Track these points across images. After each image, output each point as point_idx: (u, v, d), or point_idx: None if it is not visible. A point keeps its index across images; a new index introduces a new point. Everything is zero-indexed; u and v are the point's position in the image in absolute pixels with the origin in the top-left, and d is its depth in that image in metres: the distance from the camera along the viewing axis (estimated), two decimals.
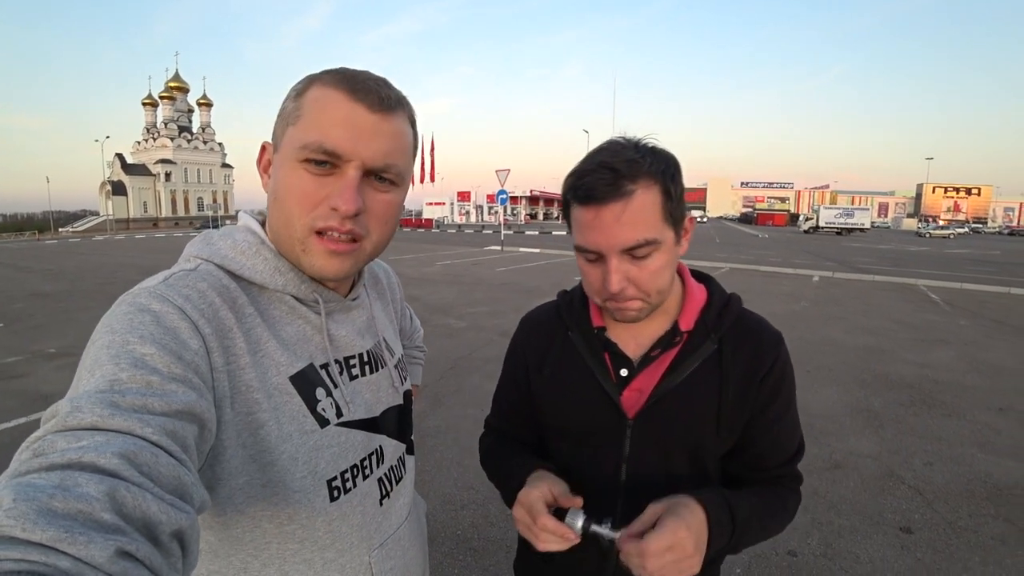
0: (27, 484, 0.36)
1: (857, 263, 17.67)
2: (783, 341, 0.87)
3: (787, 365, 0.86)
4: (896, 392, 4.87)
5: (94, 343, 0.52)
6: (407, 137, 0.67)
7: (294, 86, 0.66)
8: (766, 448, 0.86)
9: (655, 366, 0.84)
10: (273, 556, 0.66)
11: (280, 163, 0.64)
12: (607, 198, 0.71)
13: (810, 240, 33.40)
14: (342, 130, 0.61)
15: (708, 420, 0.82)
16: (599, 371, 0.86)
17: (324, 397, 0.68)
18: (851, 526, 2.81)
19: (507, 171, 20.76)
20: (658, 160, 0.73)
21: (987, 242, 41.68)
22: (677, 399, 0.82)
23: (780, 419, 0.85)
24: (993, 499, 3.09)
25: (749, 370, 0.83)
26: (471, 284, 11.26)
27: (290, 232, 0.64)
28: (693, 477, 0.85)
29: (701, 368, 0.83)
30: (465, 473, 3.26)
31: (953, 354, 6.25)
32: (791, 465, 0.89)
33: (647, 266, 0.74)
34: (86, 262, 17.57)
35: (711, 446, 0.84)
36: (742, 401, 0.82)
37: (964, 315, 8.73)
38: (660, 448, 0.84)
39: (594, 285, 0.79)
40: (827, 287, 11.60)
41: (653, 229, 0.73)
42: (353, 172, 0.62)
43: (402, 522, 0.81)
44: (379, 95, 0.63)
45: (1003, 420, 4.26)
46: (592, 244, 0.74)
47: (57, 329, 7.20)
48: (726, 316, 0.85)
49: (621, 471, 0.85)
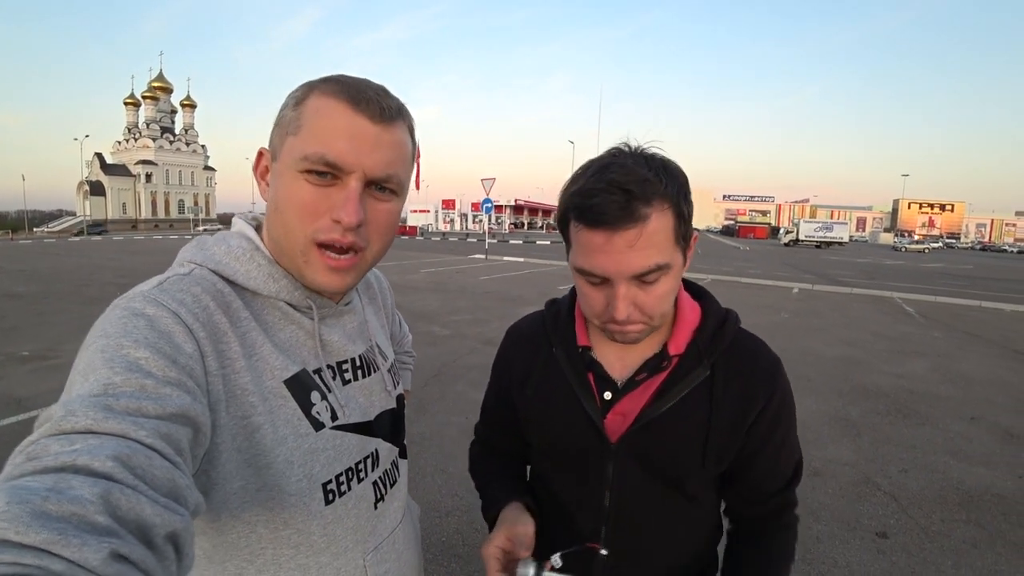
0: (21, 487, 0.36)
1: (836, 276, 18.02)
2: (781, 367, 0.82)
3: (786, 394, 0.82)
4: (873, 401, 4.98)
5: (88, 347, 0.52)
6: (407, 147, 0.67)
7: (292, 93, 0.65)
8: (763, 475, 0.84)
9: (641, 390, 0.80)
10: (268, 562, 0.65)
11: (280, 173, 0.64)
12: (620, 223, 0.65)
13: (790, 253, 33.96)
14: (344, 142, 0.61)
15: (694, 451, 0.78)
16: (583, 393, 0.81)
17: (319, 401, 0.68)
18: (829, 532, 2.86)
19: (492, 180, 20.77)
20: (671, 179, 0.68)
21: (960, 257, 42.81)
22: (663, 427, 0.78)
23: (780, 448, 0.83)
24: (965, 505, 3.17)
25: (743, 402, 0.78)
26: (455, 292, 11.24)
27: (291, 243, 0.64)
28: (680, 504, 0.82)
29: (691, 395, 0.78)
30: (450, 480, 3.25)
31: (927, 365, 6.41)
32: (789, 490, 0.86)
33: (654, 291, 0.70)
34: (62, 263, 17.15)
35: (697, 476, 0.80)
36: (733, 433, 0.78)
37: (938, 327, 8.96)
38: (643, 474, 0.80)
39: (595, 308, 0.74)
40: (807, 299, 11.81)
41: (665, 254, 0.68)
42: (355, 184, 0.62)
43: (396, 525, 0.81)
44: (380, 106, 0.63)
45: (974, 429, 4.38)
46: (599, 269, 0.69)
47: (31, 332, 7.02)
48: (720, 340, 0.80)
49: (604, 496, 0.81)
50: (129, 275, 13.75)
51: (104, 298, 9.85)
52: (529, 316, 0.97)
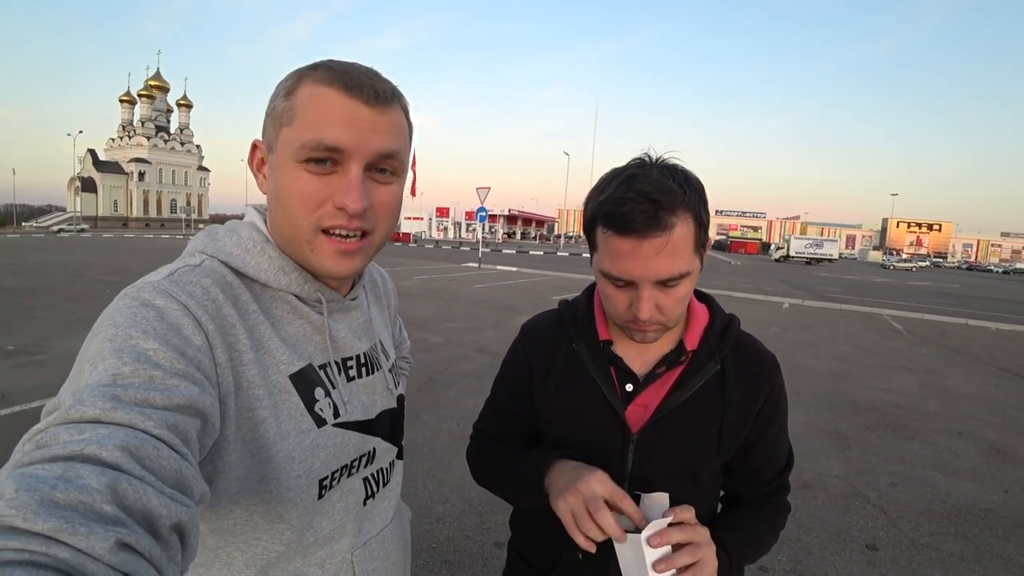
0: (29, 475, 0.36)
1: (825, 292, 18.21)
2: (779, 365, 0.90)
3: (782, 389, 0.90)
4: (862, 416, 5.02)
5: (96, 335, 0.52)
6: (404, 128, 0.67)
7: (282, 83, 0.64)
8: (761, 463, 0.91)
9: (660, 383, 0.85)
10: (259, 553, 0.65)
11: (279, 165, 0.63)
12: (649, 231, 0.70)
13: (781, 268, 34.33)
14: (341, 127, 0.60)
15: (710, 439, 0.84)
16: (605, 385, 0.85)
17: (322, 397, 0.68)
18: (820, 543, 2.87)
19: (487, 189, 20.81)
20: (693, 190, 0.73)
21: (947, 276, 43.47)
22: (681, 417, 0.84)
23: (776, 438, 0.90)
24: (952, 518, 3.20)
25: (749, 394, 0.85)
26: (448, 299, 11.23)
27: (296, 232, 0.63)
28: (694, 495, 0.85)
29: (705, 387, 0.84)
30: (441, 486, 3.22)
31: (915, 380, 6.48)
32: (783, 477, 0.94)
33: (675, 293, 0.75)
34: (50, 259, 16.95)
35: (710, 463, 0.86)
36: (742, 422, 0.85)
37: (925, 344, 9.07)
38: (662, 464, 0.85)
39: (618, 308, 0.78)
40: (797, 314, 11.94)
41: (688, 261, 0.73)
42: (356, 169, 0.61)
43: (386, 524, 0.81)
44: (374, 89, 0.62)
45: (961, 443, 4.44)
46: (626, 274, 0.73)
47: (16, 326, 6.91)
48: (728, 337, 0.87)
49: (624, 488, 0.82)
50: (118, 272, 13.62)
51: (93, 295, 9.84)
52: (544, 314, 1.00)
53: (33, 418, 3.02)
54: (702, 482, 0.87)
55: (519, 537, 1.02)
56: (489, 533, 2.80)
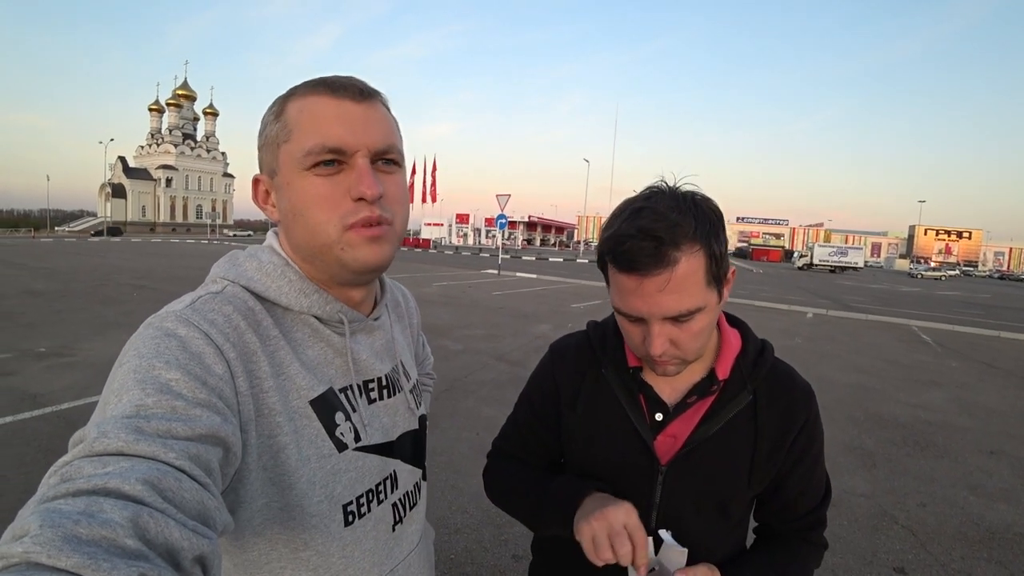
0: (53, 510, 0.37)
1: (850, 301, 17.82)
2: (814, 395, 0.87)
3: (817, 420, 0.86)
4: (889, 431, 4.88)
5: (121, 365, 0.53)
6: (392, 120, 0.70)
7: (266, 114, 0.67)
8: (794, 497, 0.87)
9: (691, 413, 0.82)
10: None
11: (287, 182, 0.64)
12: (650, 269, 0.69)
13: (804, 277, 33.73)
14: (338, 126, 0.62)
15: (741, 471, 0.82)
16: (634, 413, 0.84)
17: (343, 421, 0.68)
18: (845, 564, 2.79)
19: (508, 196, 20.90)
20: (701, 220, 0.70)
21: (977, 285, 42.13)
22: (712, 449, 0.81)
23: (810, 471, 0.86)
24: (986, 542, 3.08)
25: (783, 426, 0.82)
26: (467, 306, 11.25)
27: (322, 239, 0.64)
28: (722, 527, 0.85)
29: (736, 418, 0.82)
30: (459, 497, 3.22)
31: (944, 395, 6.28)
32: (819, 511, 0.89)
33: (689, 328, 0.73)
34: (81, 263, 17.46)
35: (741, 496, 0.84)
36: (774, 455, 0.82)
37: (955, 357, 8.80)
38: (691, 496, 0.82)
39: (634, 342, 0.78)
40: (821, 324, 11.69)
41: (697, 297, 0.71)
42: (362, 161, 0.63)
43: (413, 548, 0.80)
44: (357, 87, 0.65)
45: (995, 463, 4.28)
46: (634, 311, 0.73)
47: (48, 329, 7.12)
48: (761, 365, 0.84)
49: (651, 519, 0.83)
50: (146, 276, 13.97)
51: (121, 299, 10.10)
52: (572, 335, 0.98)
53: (63, 419, 3.12)
54: (731, 514, 0.85)
55: (540, 561, 1.01)
56: (507, 546, 2.78)
